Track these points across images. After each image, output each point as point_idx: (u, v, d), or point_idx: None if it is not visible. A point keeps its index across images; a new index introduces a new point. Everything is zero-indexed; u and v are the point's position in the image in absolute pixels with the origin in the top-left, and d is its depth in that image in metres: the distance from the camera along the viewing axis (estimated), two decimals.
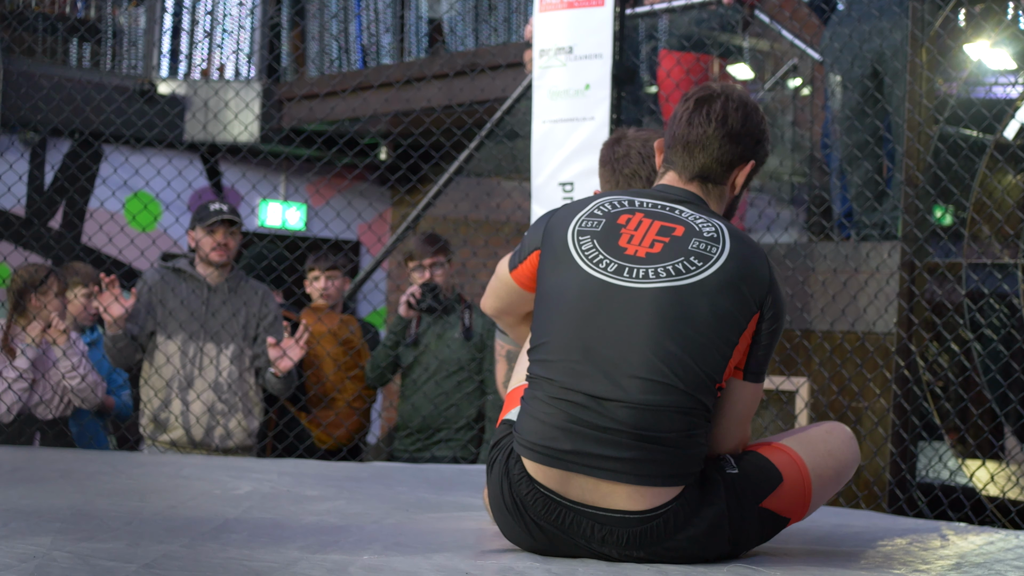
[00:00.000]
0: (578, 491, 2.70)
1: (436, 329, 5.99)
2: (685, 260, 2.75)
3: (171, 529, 2.95)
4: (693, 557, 2.75)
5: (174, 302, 5.49)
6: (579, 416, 2.70)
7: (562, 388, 2.72)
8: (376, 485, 4.23)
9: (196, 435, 5.44)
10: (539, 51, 5.46)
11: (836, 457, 3.00)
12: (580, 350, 2.73)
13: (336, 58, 9.68)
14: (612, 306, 2.73)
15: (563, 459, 2.70)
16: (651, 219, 2.84)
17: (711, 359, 2.72)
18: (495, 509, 2.87)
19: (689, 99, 2.99)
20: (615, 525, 2.70)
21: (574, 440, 2.69)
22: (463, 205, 7.47)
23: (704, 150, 2.94)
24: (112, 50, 9.70)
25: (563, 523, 2.73)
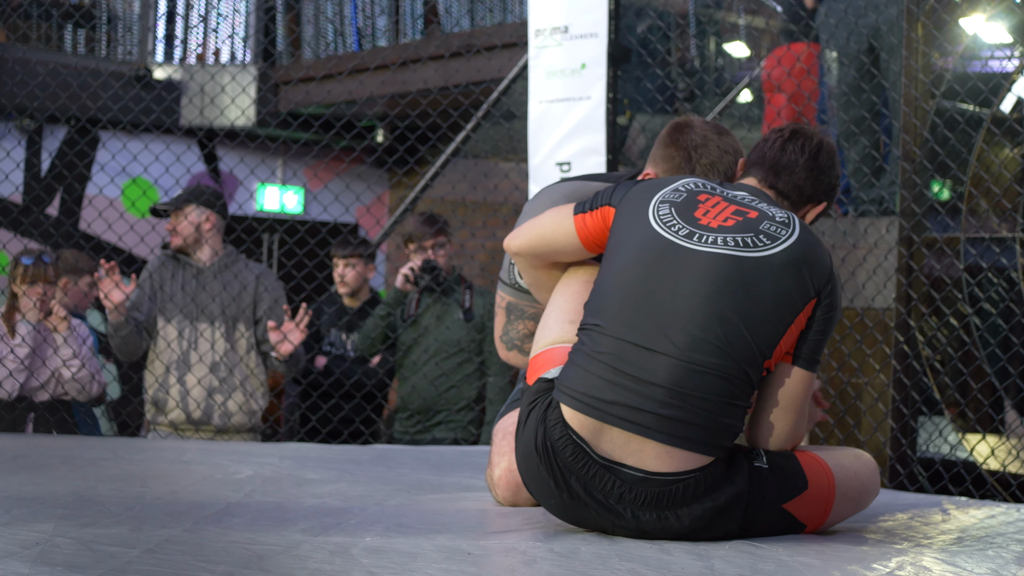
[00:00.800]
0: (608, 445, 2.75)
1: (436, 310, 5.99)
2: (754, 236, 2.84)
3: (173, 514, 2.96)
4: (700, 530, 2.77)
5: (173, 287, 5.51)
6: (623, 369, 2.76)
7: (612, 339, 2.79)
8: (378, 467, 4.23)
9: (194, 415, 5.45)
10: (534, 31, 5.45)
11: (861, 480, 3.05)
12: (636, 300, 2.81)
13: (332, 41, 9.67)
14: (676, 264, 2.81)
15: (600, 408, 2.76)
16: (728, 202, 2.93)
17: (764, 333, 2.78)
18: (524, 457, 2.89)
19: (785, 130, 3.11)
20: (636, 484, 2.74)
21: (615, 391, 2.76)
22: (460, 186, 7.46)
23: (791, 175, 3.06)
24: (107, 36, 9.69)
25: (587, 475, 2.77)
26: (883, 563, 2.60)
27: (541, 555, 2.58)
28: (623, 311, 2.81)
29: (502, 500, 3.33)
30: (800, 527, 2.91)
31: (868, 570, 2.53)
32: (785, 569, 2.52)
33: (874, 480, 3.10)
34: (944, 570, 2.55)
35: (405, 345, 6.01)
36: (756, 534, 2.84)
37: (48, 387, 5.41)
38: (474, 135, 6.82)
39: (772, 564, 2.56)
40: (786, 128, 3.13)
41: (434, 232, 5.94)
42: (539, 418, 2.85)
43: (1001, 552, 2.83)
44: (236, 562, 2.39)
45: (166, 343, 5.49)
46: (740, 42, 7.03)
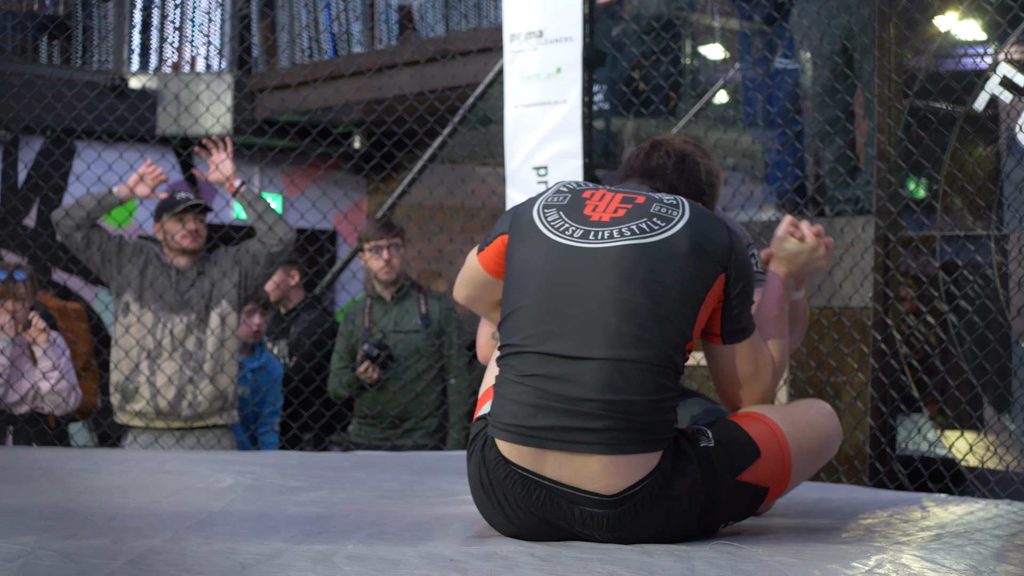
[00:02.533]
0: (554, 467, 2.73)
1: (392, 317, 5.99)
2: (648, 220, 2.83)
3: (155, 524, 2.96)
4: (670, 530, 2.78)
5: (152, 274, 5.53)
6: (549, 390, 2.73)
7: (533, 355, 2.76)
8: (359, 474, 4.24)
9: (163, 407, 5.47)
10: (509, 35, 5.46)
11: (817, 430, 3.04)
12: (548, 311, 2.79)
13: (307, 48, 9.66)
14: (578, 266, 2.80)
15: (535, 436, 2.73)
16: (614, 192, 2.95)
17: (679, 314, 2.78)
18: (477, 500, 2.89)
19: (645, 143, 3.23)
20: (593, 507, 2.72)
21: (545, 415, 2.73)
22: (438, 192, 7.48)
23: (664, 177, 3.14)
24: (83, 46, 9.66)
25: (543, 505, 2.75)
26: (863, 561, 2.61)
27: (523, 560, 2.59)
28: (537, 325, 2.79)
29: None
30: (763, 492, 2.91)
31: (848, 568, 2.54)
32: (765, 569, 2.53)
33: (832, 425, 3.11)
34: (923, 567, 2.56)
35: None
36: (723, 513, 2.86)
37: (27, 400, 5.40)
38: (451, 140, 6.83)
39: (752, 564, 2.57)
40: (646, 142, 3.23)
41: (390, 235, 5.93)
42: (479, 459, 2.84)
43: (980, 548, 2.84)
44: (218, 571, 2.39)
45: (137, 333, 5.50)
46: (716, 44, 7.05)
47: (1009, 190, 5.18)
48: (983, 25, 5.67)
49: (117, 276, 5.54)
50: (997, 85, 5.30)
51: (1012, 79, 5.28)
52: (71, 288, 8.76)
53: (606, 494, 2.71)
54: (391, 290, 6.00)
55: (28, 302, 5.39)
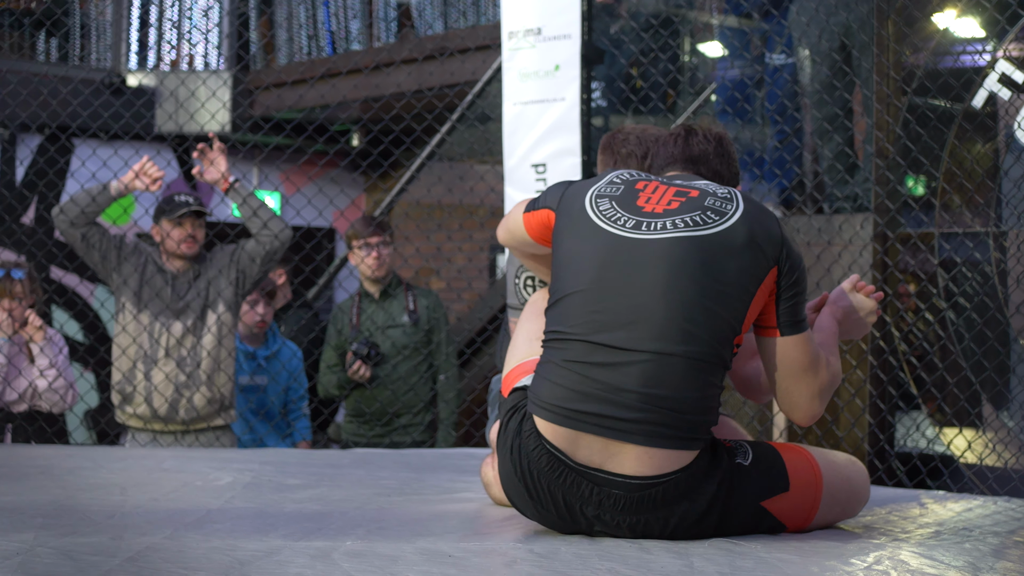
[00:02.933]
0: (586, 452, 2.75)
1: (380, 316, 5.98)
2: (702, 213, 2.84)
3: (154, 522, 2.96)
4: (678, 531, 2.78)
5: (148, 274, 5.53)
6: (593, 377, 2.75)
7: (579, 343, 2.79)
8: (357, 471, 4.24)
9: (160, 411, 5.46)
10: (508, 33, 5.45)
11: (852, 485, 3.06)
12: (597, 301, 2.80)
13: (305, 45, 9.65)
14: (629, 257, 2.81)
15: (574, 418, 2.76)
16: (667, 185, 2.95)
17: (729, 308, 2.79)
18: (502, 466, 2.90)
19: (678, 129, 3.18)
20: (615, 488, 2.74)
21: (586, 401, 2.75)
22: (436, 189, 7.47)
23: (708, 163, 3.13)
24: (80, 43, 9.65)
25: (564, 484, 2.77)
26: (861, 558, 2.61)
27: (522, 556, 2.59)
28: (586, 315, 2.80)
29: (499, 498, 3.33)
30: (779, 527, 2.91)
31: (846, 565, 2.54)
32: (764, 566, 2.53)
33: (864, 486, 3.11)
34: (922, 564, 2.56)
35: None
36: (734, 531, 2.85)
37: (25, 398, 5.40)
38: (449, 138, 6.83)
39: (751, 561, 2.57)
40: (678, 128, 3.20)
41: (377, 232, 5.93)
42: (515, 430, 2.86)
43: (978, 545, 2.84)
44: (217, 569, 2.39)
45: (134, 335, 5.50)
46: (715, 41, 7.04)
47: (1007, 187, 5.18)
48: (981, 22, 5.66)
49: (115, 276, 5.54)
50: (995, 82, 5.30)
51: (1011, 76, 5.28)
52: (68, 285, 8.76)
53: (632, 476, 2.73)
54: (379, 287, 6.00)
55: (26, 300, 5.38)
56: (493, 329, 6.91)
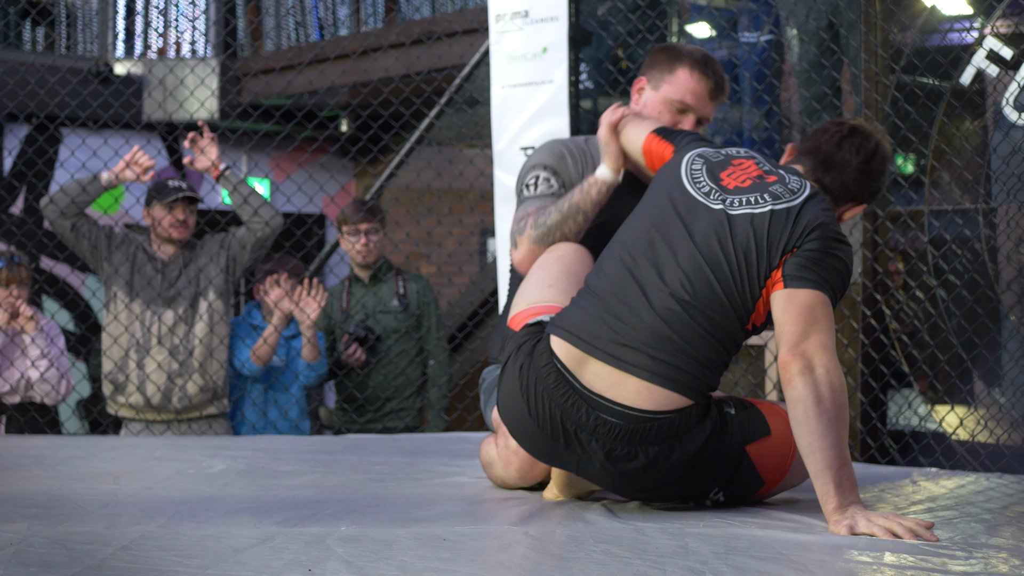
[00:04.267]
0: (592, 377, 2.89)
1: (369, 301, 5.97)
2: (760, 195, 2.95)
3: (147, 510, 2.96)
4: (666, 473, 2.91)
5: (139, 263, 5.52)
6: (614, 306, 2.91)
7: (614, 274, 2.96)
8: (350, 456, 4.24)
9: (153, 399, 5.46)
10: (495, 16, 5.45)
11: None
12: (647, 243, 2.96)
13: (293, 31, 9.63)
14: (688, 216, 2.95)
15: (588, 341, 2.90)
16: (758, 167, 3.05)
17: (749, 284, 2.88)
18: (505, 389, 3.02)
19: (844, 126, 3.15)
20: (613, 416, 2.85)
21: (603, 326, 2.90)
22: (426, 174, 7.46)
23: (841, 173, 3.11)
24: (67, 32, 9.62)
25: (565, 403, 2.89)
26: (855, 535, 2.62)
27: (516, 539, 2.60)
28: (631, 250, 2.97)
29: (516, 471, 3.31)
30: (759, 481, 3.01)
31: (840, 541, 2.55)
32: (758, 545, 2.53)
33: None
34: (915, 540, 2.57)
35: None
36: (718, 478, 2.97)
37: (19, 389, 5.39)
38: (438, 122, 6.81)
39: (745, 542, 2.58)
40: (846, 124, 3.16)
41: (367, 218, 5.91)
42: (527, 351, 2.99)
43: (971, 521, 2.85)
44: (211, 556, 2.39)
45: (125, 323, 5.49)
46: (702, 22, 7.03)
47: (996, 163, 5.18)
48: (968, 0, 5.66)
49: (106, 266, 5.53)
50: (983, 59, 5.30)
51: (998, 52, 5.27)
52: (59, 275, 8.74)
53: (632, 407, 2.85)
54: (368, 272, 6.00)
55: (22, 291, 5.38)
56: (484, 313, 6.91)
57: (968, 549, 2.51)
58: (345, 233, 5.96)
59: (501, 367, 3.08)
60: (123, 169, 5.43)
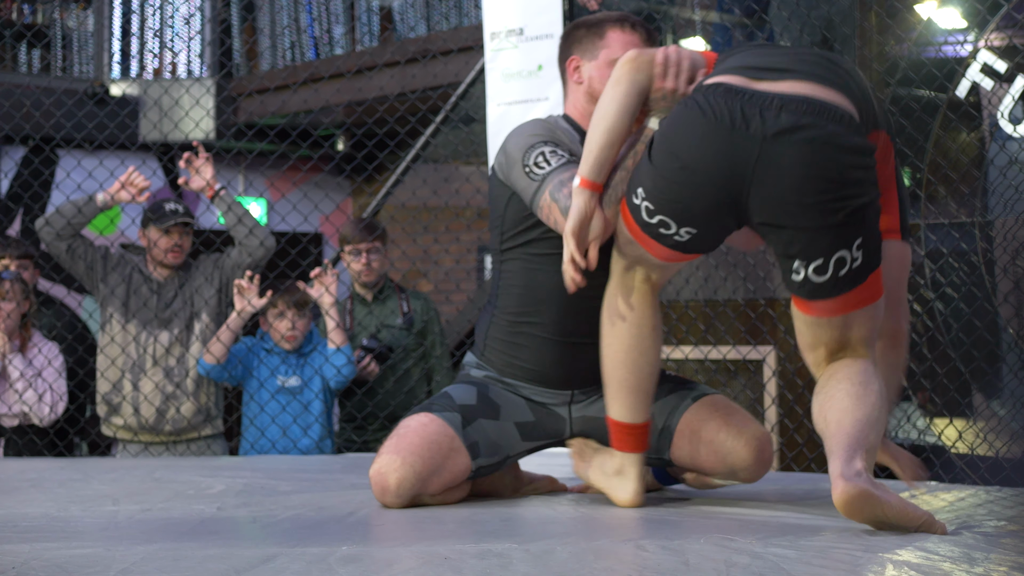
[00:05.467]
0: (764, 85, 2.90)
1: (374, 317, 5.97)
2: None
3: (147, 532, 2.95)
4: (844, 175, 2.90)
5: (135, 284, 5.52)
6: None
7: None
8: (350, 476, 4.23)
9: (148, 421, 5.45)
10: (490, 34, 5.46)
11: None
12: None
13: (288, 50, 9.64)
14: None
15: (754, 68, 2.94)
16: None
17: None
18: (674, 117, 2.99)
19: None
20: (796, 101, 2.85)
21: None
22: (422, 192, 7.47)
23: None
24: (62, 54, 9.64)
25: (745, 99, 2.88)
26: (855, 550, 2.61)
27: (518, 556, 2.59)
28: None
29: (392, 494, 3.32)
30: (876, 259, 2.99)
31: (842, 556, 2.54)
32: (760, 561, 2.53)
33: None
34: (914, 555, 2.57)
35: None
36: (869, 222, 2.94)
37: (15, 411, 5.39)
38: (433, 140, 6.82)
39: (746, 557, 2.57)
40: None
41: (372, 237, 5.90)
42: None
43: (971, 535, 2.85)
44: None
45: (121, 345, 5.49)
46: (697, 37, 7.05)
47: (993, 176, 5.20)
48: (963, 12, 5.68)
49: (102, 288, 5.53)
50: (978, 72, 5.32)
51: (992, 66, 5.29)
52: (55, 297, 8.74)
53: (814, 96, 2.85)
54: (373, 291, 5.99)
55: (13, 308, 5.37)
56: None
57: (969, 563, 2.50)
58: (347, 252, 5.94)
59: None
60: (119, 190, 5.43)
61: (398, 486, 3.27)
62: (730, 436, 3.36)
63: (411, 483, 3.27)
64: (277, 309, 5.59)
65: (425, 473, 3.29)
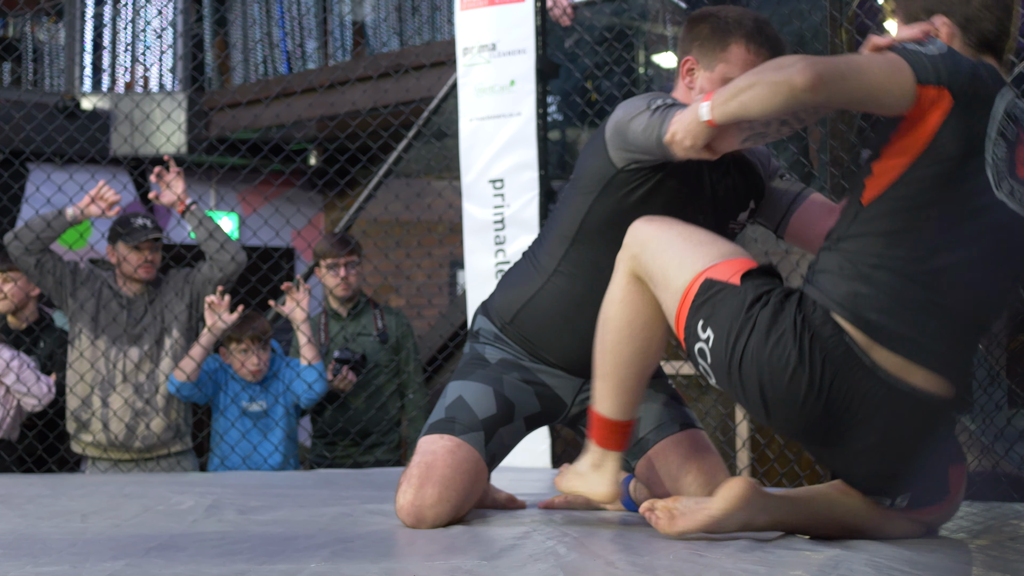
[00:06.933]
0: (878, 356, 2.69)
1: (348, 332, 5.95)
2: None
3: (116, 548, 2.93)
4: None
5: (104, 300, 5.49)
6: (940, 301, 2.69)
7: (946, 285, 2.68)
8: (321, 492, 4.22)
9: (118, 437, 5.42)
10: (463, 49, 5.46)
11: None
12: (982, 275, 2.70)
13: (261, 64, 9.63)
14: (1012, 239, 2.71)
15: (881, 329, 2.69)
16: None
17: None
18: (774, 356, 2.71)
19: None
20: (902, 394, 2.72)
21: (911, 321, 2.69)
22: (394, 207, 7.46)
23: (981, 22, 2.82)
24: (33, 67, 9.60)
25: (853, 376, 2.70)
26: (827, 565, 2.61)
27: (487, 573, 2.58)
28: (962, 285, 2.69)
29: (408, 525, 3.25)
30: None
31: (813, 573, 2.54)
32: None
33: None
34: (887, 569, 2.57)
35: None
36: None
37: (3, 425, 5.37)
38: (406, 155, 6.81)
39: (716, 572, 2.57)
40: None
41: (348, 251, 5.89)
42: (794, 311, 2.71)
43: (942, 548, 2.85)
44: None
45: (91, 361, 5.46)
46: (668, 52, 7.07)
47: None
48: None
49: (71, 303, 5.49)
50: None
51: None
52: None
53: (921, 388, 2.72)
54: (347, 306, 5.98)
55: None
56: (455, 346, 6.90)
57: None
58: (324, 267, 5.92)
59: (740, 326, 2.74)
60: (88, 204, 5.41)
61: (435, 520, 3.21)
62: (695, 482, 3.32)
63: (448, 516, 3.23)
64: (241, 345, 5.57)
65: (459, 504, 3.24)
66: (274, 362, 5.71)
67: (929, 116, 2.64)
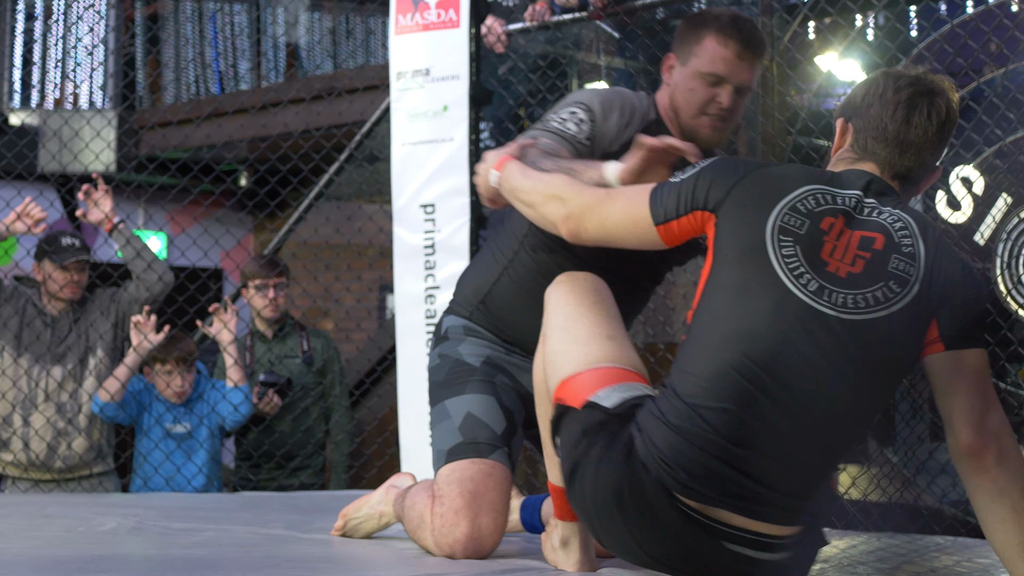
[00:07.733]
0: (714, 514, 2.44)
1: (274, 354, 5.92)
2: (885, 287, 2.47)
3: (37, 569, 2.89)
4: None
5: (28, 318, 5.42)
6: (734, 459, 2.41)
7: (732, 418, 2.41)
8: (245, 514, 4.19)
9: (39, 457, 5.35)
10: (396, 74, 5.46)
11: None
12: (771, 377, 2.42)
13: (193, 83, 9.58)
14: (813, 335, 2.43)
15: (708, 495, 2.42)
16: (852, 229, 2.51)
17: (887, 396, 2.60)
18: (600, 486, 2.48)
19: (902, 93, 2.61)
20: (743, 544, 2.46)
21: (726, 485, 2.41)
22: (324, 230, 7.43)
23: (919, 153, 2.61)
24: None
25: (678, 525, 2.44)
26: None
27: None
28: (751, 388, 2.42)
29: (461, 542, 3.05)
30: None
31: None
32: None
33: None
34: None
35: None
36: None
37: None
38: (337, 178, 6.79)
39: None
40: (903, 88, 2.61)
41: (276, 273, 5.87)
42: (619, 466, 2.46)
43: None
44: None
45: (13, 379, 5.39)
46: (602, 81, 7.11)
47: None
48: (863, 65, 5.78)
49: None
50: None
51: None
52: None
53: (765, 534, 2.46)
54: (274, 328, 5.95)
55: None
56: (383, 370, 6.88)
57: None
58: (252, 288, 5.88)
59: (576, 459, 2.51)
60: (14, 221, 5.35)
61: (493, 549, 3.07)
62: None
63: (501, 538, 3.11)
64: (166, 366, 5.51)
65: (504, 523, 3.11)
66: (199, 383, 5.65)
67: (706, 228, 2.57)
